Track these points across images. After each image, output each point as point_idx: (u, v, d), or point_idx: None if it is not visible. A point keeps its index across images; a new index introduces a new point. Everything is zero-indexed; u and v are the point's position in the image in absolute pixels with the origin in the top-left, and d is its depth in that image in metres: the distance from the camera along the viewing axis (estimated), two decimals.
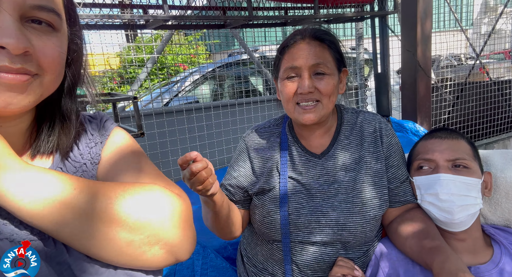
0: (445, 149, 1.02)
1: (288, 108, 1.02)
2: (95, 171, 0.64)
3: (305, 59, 0.96)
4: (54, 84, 0.55)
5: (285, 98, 1.00)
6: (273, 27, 2.52)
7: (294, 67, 0.97)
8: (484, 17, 6.13)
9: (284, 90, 1.00)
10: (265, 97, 2.79)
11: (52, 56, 0.51)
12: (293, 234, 1.00)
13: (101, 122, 0.70)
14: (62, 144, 0.61)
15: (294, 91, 0.98)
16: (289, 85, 0.99)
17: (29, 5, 0.48)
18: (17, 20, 0.47)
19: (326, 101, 0.98)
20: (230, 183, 1.11)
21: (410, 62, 2.19)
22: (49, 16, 0.50)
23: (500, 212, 1.07)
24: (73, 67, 0.60)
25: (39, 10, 0.49)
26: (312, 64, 0.96)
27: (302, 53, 0.97)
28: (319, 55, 0.97)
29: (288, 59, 0.99)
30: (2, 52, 0.46)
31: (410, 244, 0.95)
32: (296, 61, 0.97)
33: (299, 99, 0.98)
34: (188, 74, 3.16)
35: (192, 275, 1.38)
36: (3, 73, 0.47)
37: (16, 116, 0.55)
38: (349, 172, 1.02)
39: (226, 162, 2.48)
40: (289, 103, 1.00)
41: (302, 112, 0.98)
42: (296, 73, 0.98)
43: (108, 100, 1.43)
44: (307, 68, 0.96)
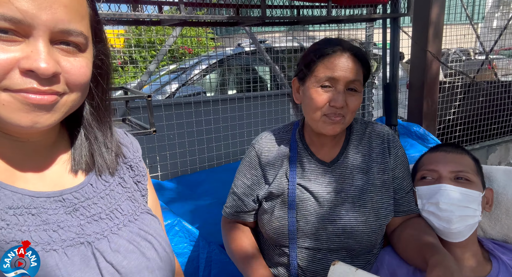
0: (449, 162, 1.06)
1: (313, 116, 1.01)
2: (145, 202, 0.74)
3: (344, 73, 0.97)
4: (78, 102, 0.57)
5: (314, 106, 1.00)
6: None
7: (332, 78, 0.98)
8: (497, 11, 6.01)
9: (316, 98, 0.99)
10: (273, 92, 2.80)
11: (79, 76, 0.53)
12: (300, 240, 1.03)
13: (133, 146, 0.75)
14: (101, 161, 0.65)
15: (326, 102, 0.99)
16: (323, 94, 0.99)
17: (59, 29, 0.50)
18: (47, 44, 0.49)
19: (350, 116, 1.01)
20: (244, 192, 1.13)
21: (420, 64, 2.19)
22: (77, 39, 0.52)
23: (499, 227, 1.11)
24: (101, 81, 0.63)
25: (68, 34, 0.51)
26: (350, 79, 0.98)
27: (342, 66, 0.98)
28: (356, 72, 0.99)
29: (327, 69, 0.98)
30: (31, 75, 0.48)
31: (411, 247, 0.98)
32: (336, 73, 0.97)
33: (329, 111, 0.99)
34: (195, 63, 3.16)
35: (196, 269, 1.44)
36: (31, 94, 0.49)
37: (42, 131, 0.57)
38: (357, 181, 1.05)
39: (231, 156, 2.52)
40: (317, 112, 1.00)
41: (329, 123, 1.00)
42: (332, 84, 0.99)
43: (122, 98, 1.45)
44: (345, 82, 0.98)
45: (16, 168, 0.56)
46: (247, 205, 1.13)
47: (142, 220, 0.67)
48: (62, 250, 0.54)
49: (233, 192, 1.17)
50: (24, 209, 0.53)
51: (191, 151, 2.36)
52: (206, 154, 2.43)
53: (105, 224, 0.61)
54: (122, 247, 0.60)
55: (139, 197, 0.71)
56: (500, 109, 3.33)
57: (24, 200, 0.54)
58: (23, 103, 0.48)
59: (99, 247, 0.58)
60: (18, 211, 0.53)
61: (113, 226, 0.62)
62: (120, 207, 0.65)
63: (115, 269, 0.57)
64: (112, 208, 0.64)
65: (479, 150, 3.09)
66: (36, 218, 0.54)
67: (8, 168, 0.55)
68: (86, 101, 0.62)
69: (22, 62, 0.47)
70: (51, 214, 0.56)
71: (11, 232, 0.51)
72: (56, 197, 0.57)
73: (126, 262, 0.59)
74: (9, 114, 0.49)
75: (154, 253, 0.64)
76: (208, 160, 2.45)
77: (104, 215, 0.62)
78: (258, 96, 2.62)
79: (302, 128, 1.14)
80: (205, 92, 3.05)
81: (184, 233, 1.40)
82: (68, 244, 0.55)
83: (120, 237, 0.61)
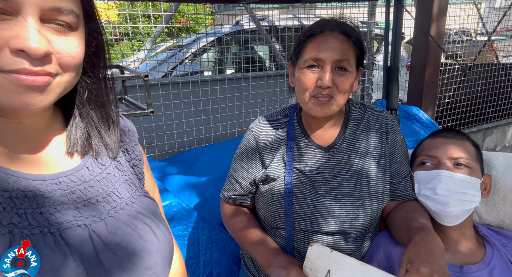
0: (449, 148, 1.05)
1: (302, 98, 1.01)
2: (142, 185, 0.73)
3: (330, 52, 0.95)
4: (72, 83, 0.55)
5: (302, 87, 1.00)
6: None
7: (318, 58, 0.96)
8: None
9: (302, 79, 0.99)
10: (272, 72, 2.75)
11: (71, 56, 0.52)
12: (296, 223, 1.04)
13: (129, 130, 0.73)
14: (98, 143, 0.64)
15: (313, 82, 0.98)
16: (309, 75, 0.98)
17: (48, 7, 0.48)
18: (37, 22, 0.47)
19: (340, 97, 0.99)
20: (242, 175, 1.14)
21: (421, 47, 2.15)
22: (68, 18, 0.50)
23: (495, 213, 1.12)
24: (95, 59, 0.60)
25: (59, 12, 0.49)
26: (336, 59, 0.96)
27: (328, 46, 0.96)
28: (344, 51, 0.96)
29: (313, 49, 0.97)
30: (22, 55, 0.46)
31: (401, 228, 1.00)
32: (321, 53, 0.96)
33: (316, 92, 0.98)
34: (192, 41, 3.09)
35: (197, 248, 1.46)
36: (23, 75, 0.47)
37: (36, 113, 0.56)
38: (354, 166, 1.05)
39: (229, 137, 2.50)
40: (305, 93, 1.00)
41: (318, 105, 0.98)
42: (318, 64, 0.97)
43: (118, 78, 1.42)
44: (331, 62, 0.96)
45: (10, 151, 0.55)
46: (244, 188, 1.13)
47: (139, 203, 0.67)
48: (59, 232, 0.54)
49: (230, 175, 1.17)
50: (20, 192, 0.53)
51: (189, 132, 2.35)
52: (204, 135, 2.42)
53: (102, 207, 0.61)
54: (119, 230, 0.60)
55: (136, 181, 0.71)
56: (498, 92, 3.32)
57: (19, 183, 0.53)
58: (15, 85, 0.47)
59: (96, 230, 0.58)
60: (13, 194, 0.52)
61: (110, 209, 0.62)
62: (117, 190, 0.65)
63: (113, 252, 0.57)
64: (109, 191, 0.63)
65: (476, 133, 3.10)
66: (32, 201, 0.53)
67: (2, 151, 0.54)
68: (81, 80, 0.61)
69: (12, 42, 0.45)
70: (47, 197, 0.55)
71: (8, 215, 0.50)
72: (52, 180, 0.57)
73: (123, 244, 0.59)
74: (1, 96, 0.47)
75: (152, 236, 0.63)
76: (206, 141, 2.45)
77: (101, 198, 0.61)
78: (257, 76, 2.58)
79: (299, 112, 1.13)
80: (203, 71, 3.00)
81: (183, 215, 1.41)
82: (65, 226, 0.55)
83: (117, 220, 0.61)
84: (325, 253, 0.86)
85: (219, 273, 1.45)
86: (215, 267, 1.45)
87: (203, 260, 1.44)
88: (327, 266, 0.85)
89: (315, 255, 0.87)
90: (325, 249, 0.87)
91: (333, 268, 0.84)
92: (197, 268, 1.43)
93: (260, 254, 1.05)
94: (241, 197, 1.16)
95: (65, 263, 0.52)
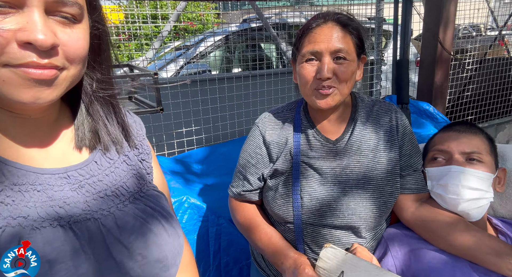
0: (461, 142, 1.03)
1: (305, 92, 1.01)
2: (151, 180, 0.73)
3: (326, 43, 0.95)
4: (79, 76, 0.56)
5: (303, 81, 1.00)
6: None
7: (315, 51, 0.96)
8: None
9: (302, 72, 0.99)
10: (279, 70, 2.74)
11: (77, 49, 0.52)
12: (305, 217, 1.04)
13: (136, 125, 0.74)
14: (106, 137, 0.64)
15: (313, 75, 0.97)
16: (308, 68, 0.98)
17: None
18: (42, 14, 0.48)
19: (342, 87, 0.98)
20: (249, 171, 1.13)
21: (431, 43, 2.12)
22: (72, 9, 0.51)
23: (510, 206, 1.10)
24: (100, 52, 0.61)
25: (63, 3, 0.49)
26: (333, 49, 0.95)
27: (323, 37, 0.96)
28: (341, 40, 0.96)
29: (309, 42, 0.97)
30: (29, 47, 0.47)
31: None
32: (317, 45, 0.95)
33: (317, 84, 0.97)
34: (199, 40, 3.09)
35: (207, 240, 1.47)
36: (31, 68, 0.47)
37: (44, 108, 0.57)
38: (363, 159, 1.04)
39: (237, 135, 2.51)
40: (307, 86, 1.00)
41: (320, 97, 0.98)
42: (316, 57, 0.97)
43: (127, 76, 1.43)
44: (328, 53, 0.95)
45: (20, 145, 0.55)
46: (252, 183, 1.13)
47: (148, 197, 0.67)
48: (69, 226, 0.54)
49: (238, 171, 1.17)
50: (29, 186, 0.53)
51: (198, 130, 2.36)
52: (212, 133, 2.42)
53: (111, 201, 0.61)
54: (128, 224, 0.60)
55: (145, 175, 0.71)
56: (510, 86, 3.26)
57: (28, 177, 0.54)
58: (24, 78, 0.47)
59: (106, 223, 0.58)
60: (23, 187, 0.52)
61: (119, 203, 0.62)
62: (126, 184, 0.65)
63: (123, 245, 0.58)
64: (118, 185, 0.63)
65: (487, 129, 3.06)
66: (42, 194, 0.54)
67: (11, 145, 0.54)
68: (86, 74, 0.61)
69: (19, 34, 0.46)
70: (57, 191, 0.56)
71: (17, 207, 0.51)
72: (61, 174, 0.57)
73: (133, 237, 0.59)
74: (10, 90, 0.48)
75: (161, 229, 0.64)
76: (214, 139, 2.45)
77: (109, 192, 0.62)
78: (265, 74, 2.58)
79: (306, 105, 1.13)
80: (210, 70, 3.00)
81: (193, 209, 1.42)
82: (74, 219, 0.55)
83: (127, 213, 0.61)
84: (340, 255, 0.86)
85: (227, 261, 1.47)
86: (223, 256, 1.48)
87: (212, 251, 1.46)
88: (341, 267, 0.85)
89: (329, 256, 0.88)
90: (340, 251, 0.87)
91: (346, 270, 0.84)
92: (208, 260, 1.45)
93: (270, 252, 1.04)
94: (249, 192, 1.15)
95: (76, 256, 0.52)
